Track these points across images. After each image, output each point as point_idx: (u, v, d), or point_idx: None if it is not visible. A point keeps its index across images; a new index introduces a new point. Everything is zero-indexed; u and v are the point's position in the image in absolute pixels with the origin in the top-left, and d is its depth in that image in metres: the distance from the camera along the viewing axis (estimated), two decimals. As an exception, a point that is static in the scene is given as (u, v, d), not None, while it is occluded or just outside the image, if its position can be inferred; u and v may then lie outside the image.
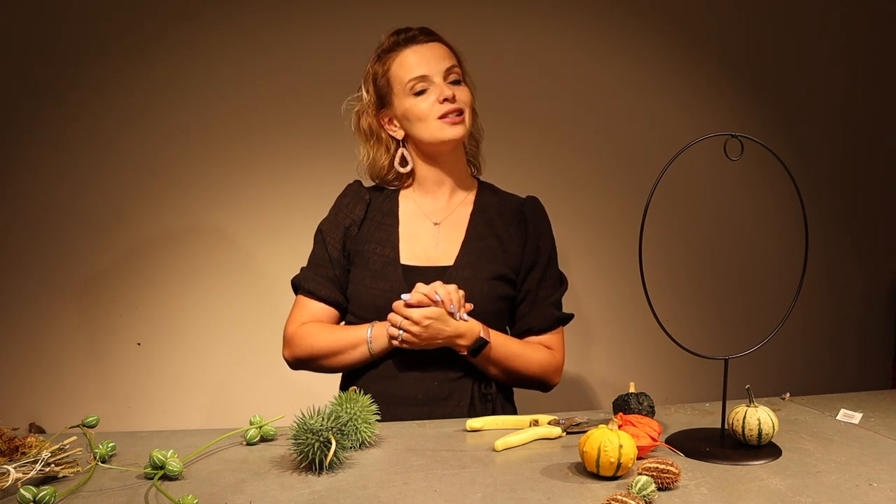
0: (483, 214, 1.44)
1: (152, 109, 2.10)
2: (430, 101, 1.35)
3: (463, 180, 1.46)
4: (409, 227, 1.41)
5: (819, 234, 2.42)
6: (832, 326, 2.55)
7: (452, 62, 1.38)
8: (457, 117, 1.35)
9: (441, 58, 1.37)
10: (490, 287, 1.36)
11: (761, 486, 0.91)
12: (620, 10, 2.32)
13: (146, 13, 2.08)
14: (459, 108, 1.36)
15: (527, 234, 1.43)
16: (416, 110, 1.36)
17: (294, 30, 2.14)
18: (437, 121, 1.35)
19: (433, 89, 1.36)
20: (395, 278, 1.35)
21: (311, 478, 0.93)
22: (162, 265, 2.14)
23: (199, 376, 2.17)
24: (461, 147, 1.44)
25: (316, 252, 1.44)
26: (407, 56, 1.37)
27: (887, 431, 1.15)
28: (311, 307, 1.40)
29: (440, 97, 1.34)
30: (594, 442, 0.92)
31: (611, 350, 2.40)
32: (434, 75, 1.36)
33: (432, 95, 1.35)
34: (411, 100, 1.36)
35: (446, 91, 1.34)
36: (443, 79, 1.36)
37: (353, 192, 1.46)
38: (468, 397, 1.35)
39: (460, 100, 1.36)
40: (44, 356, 2.09)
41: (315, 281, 1.40)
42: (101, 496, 0.87)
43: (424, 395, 1.32)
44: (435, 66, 1.36)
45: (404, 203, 1.44)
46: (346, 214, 1.43)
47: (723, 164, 1.12)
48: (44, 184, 2.07)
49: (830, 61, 2.49)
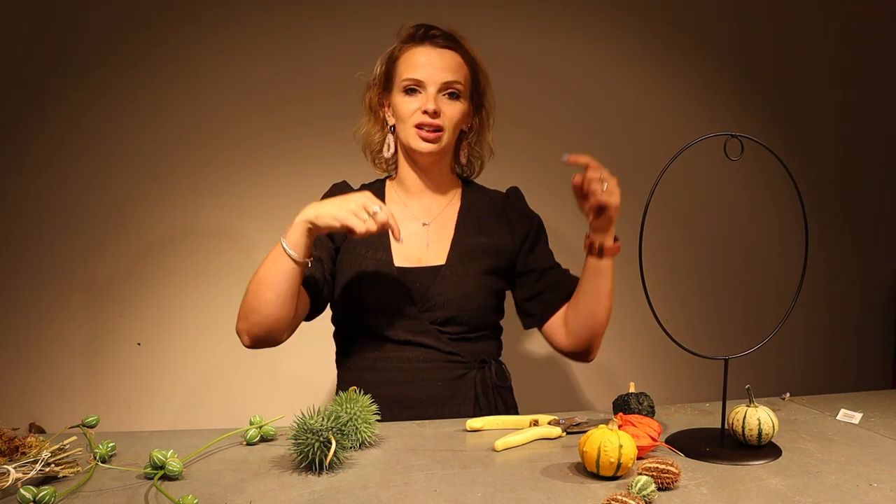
0: (470, 212, 1.44)
1: (153, 112, 2.10)
2: (413, 105, 1.34)
3: (445, 185, 1.45)
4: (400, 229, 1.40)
5: (819, 234, 2.42)
6: (832, 326, 2.55)
7: (457, 77, 1.35)
8: (431, 133, 1.33)
9: (446, 69, 1.34)
10: (484, 282, 1.37)
11: (761, 486, 0.91)
12: (620, 11, 2.32)
13: (147, 16, 2.08)
14: (437, 125, 1.33)
15: (518, 222, 1.45)
16: (400, 109, 1.36)
17: (296, 33, 2.14)
18: (413, 128, 1.33)
19: (422, 95, 1.34)
20: (390, 280, 1.34)
21: (311, 478, 0.93)
22: (162, 265, 2.14)
23: (199, 376, 2.17)
24: (444, 161, 1.42)
25: None
26: (416, 53, 1.35)
27: (887, 431, 1.15)
28: None
29: (422, 107, 1.32)
30: (594, 442, 0.92)
31: (611, 350, 2.39)
32: (430, 84, 1.33)
33: (419, 101, 1.34)
34: (401, 97, 1.36)
35: (430, 104, 1.32)
36: (437, 90, 1.33)
37: (339, 191, 1.42)
38: (472, 395, 1.35)
39: (445, 117, 1.33)
40: (44, 356, 2.09)
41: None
42: (101, 496, 0.87)
43: (429, 398, 1.32)
44: (435, 75, 1.33)
45: (392, 205, 1.42)
46: None
47: (723, 164, 1.12)
48: (45, 185, 2.07)
49: (830, 61, 2.49)
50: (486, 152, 1.48)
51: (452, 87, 1.35)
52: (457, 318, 1.34)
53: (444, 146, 1.36)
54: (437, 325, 1.34)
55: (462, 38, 1.39)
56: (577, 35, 2.30)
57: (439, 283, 1.34)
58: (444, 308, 1.34)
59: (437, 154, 1.37)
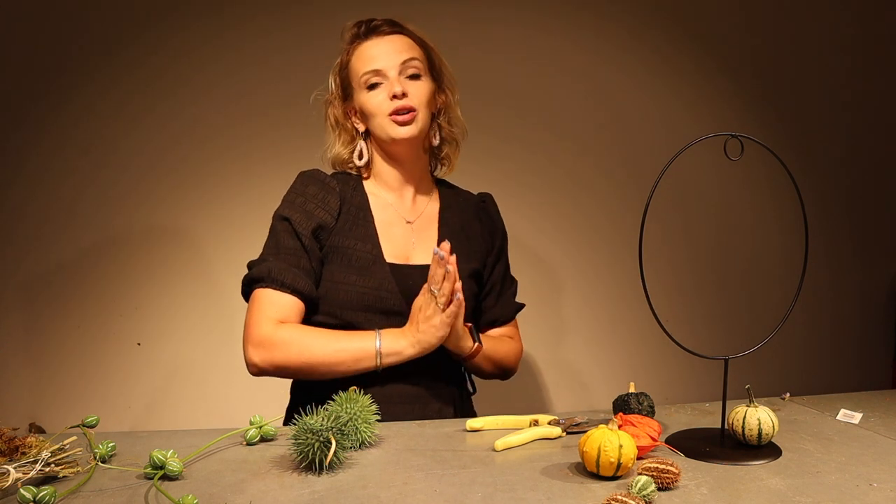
0: (449, 212, 1.44)
1: (154, 113, 2.10)
2: (381, 96, 1.31)
3: (424, 179, 1.44)
4: (385, 225, 1.37)
5: (819, 234, 2.42)
6: (832, 326, 2.55)
7: (412, 55, 1.32)
8: (405, 115, 1.30)
9: (399, 50, 1.32)
10: (468, 285, 1.36)
11: (761, 486, 0.91)
12: (623, 10, 2.32)
13: (147, 18, 2.08)
14: (409, 107, 1.30)
15: (491, 230, 1.46)
16: (368, 105, 1.33)
17: (296, 33, 2.14)
18: (388, 118, 1.30)
19: (386, 84, 1.31)
20: (383, 275, 1.31)
21: (311, 478, 0.93)
22: (162, 265, 2.14)
23: (199, 376, 2.17)
24: (419, 147, 1.39)
25: (283, 241, 1.30)
26: (365, 48, 1.33)
27: (887, 431, 1.15)
28: (279, 302, 1.25)
29: (390, 93, 1.30)
30: (594, 442, 0.91)
31: (611, 350, 2.40)
32: (389, 69, 1.30)
33: (384, 91, 1.31)
34: (365, 94, 1.33)
35: (396, 86, 1.29)
36: (398, 73, 1.30)
37: (319, 182, 1.35)
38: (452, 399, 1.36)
39: (413, 96, 1.31)
40: (44, 356, 2.09)
41: (289, 272, 1.26)
42: (101, 496, 0.87)
43: (412, 394, 1.31)
44: (390, 60, 1.31)
45: (373, 198, 1.39)
46: (318, 205, 1.32)
47: (723, 164, 1.12)
48: (45, 185, 2.07)
49: (831, 61, 2.49)
50: (459, 131, 1.45)
51: (411, 66, 1.32)
52: None
53: (420, 128, 1.33)
54: None
55: (404, 22, 1.37)
56: (577, 34, 2.30)
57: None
58: None
59: (416, 139, 1.34)
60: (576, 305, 2.35)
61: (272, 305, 1.26)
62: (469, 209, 1.46)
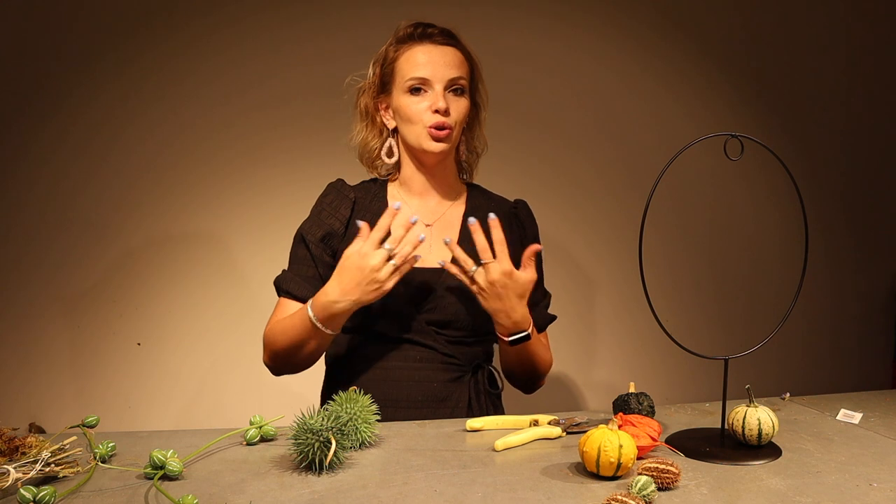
0: (476, 215, 1.42)
1: (152, 112, 2.10)
2: (423, 105, 1.32)
3: (451, 185, 1.44)
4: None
5: (819, 234, 2.42)
6: (832, 326, 2.55)
7: (461, 73, 1.34)
8: (441, 131, 1.31)
9: (450, 65, 1.33)
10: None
11: (761, 486, 0.91)
12: (621, 10, 2.32)
13: (145, 18, 2.08)
14: (449, 124, 1.32)
15: (524, 237, 1.43)
16: (408, 110, 1.33)
17: (295, 33, 2.14)
18: (425, 129, 1.32)
19: (430, 95, 1.32)
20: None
21: (311, 478, 0.93)
22: (162, 266, 2.14)
23: (200, 376, 2.17)
24: (449, 160, 1.41)
25: (295, 251, 1.38)
26: (417, 52, 1.33)
27: (887, 431, 1.15)
28: (285, 309, 1.35)
29: (433, 106, 1.31)
30: (594, 442, 0.91)
31: (611, 350, 2.40)
32: (436, 81, 1.32)
33: (427, 101, 1.32)
34: (406, 98, 1.34)
35: (440, 102, 1.30)
36: (444, 87, 1.32)
37: (335, 191, 1.40)
38: (466, 398, 1.35)
39: (454, 113, 1.33)
40: (44, 356, 2.09)
41: (294, 281, 1.35)
42: (101, 496, 0.87)
43: (423, 398, 1.32)
44: (440, 72, 1.32)
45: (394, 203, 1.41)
46: (330, 213, 1.37)
47: (723, 164, 1.12)
48: (44, 185, 2.07)
49: (831, 61, 2.49)
50: (481, 144, 1.47)
51: (458, 84, 1.34)
52: (456, 321, 1.34)
53: (453, 143, 1.36)
54: (435, 326, 1.34)
55: (458, 34, 1.38)
56: (577, 35, 2.30)
57: (441, 286, 1.34)
58: (444, 311, 1.33)
59: (446, 152, 1.36)
60: (576, 305, 2.35)
61: (279, 312, 1.36)
62: (500, 215, 1.44)
